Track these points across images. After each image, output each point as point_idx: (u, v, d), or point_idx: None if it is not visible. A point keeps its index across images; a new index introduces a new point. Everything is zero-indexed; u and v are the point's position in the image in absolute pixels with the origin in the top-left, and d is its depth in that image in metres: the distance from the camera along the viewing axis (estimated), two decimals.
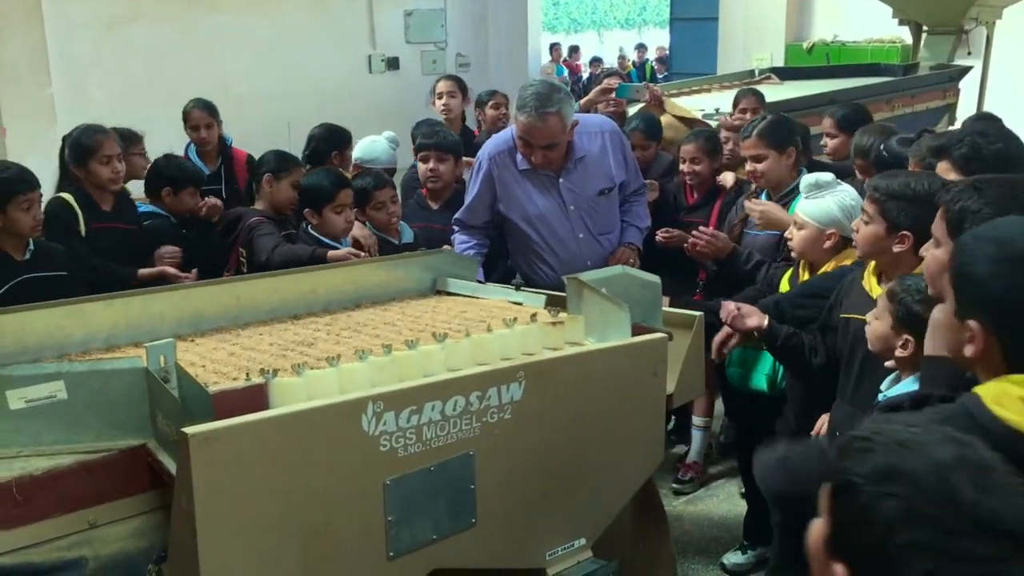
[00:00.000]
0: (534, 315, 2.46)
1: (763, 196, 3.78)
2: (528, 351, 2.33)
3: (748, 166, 3.78)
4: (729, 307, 2.97)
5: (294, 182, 3.85)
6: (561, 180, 3.62)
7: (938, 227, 2.01)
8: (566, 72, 16.97)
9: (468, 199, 3.79)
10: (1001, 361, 1.58)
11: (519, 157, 3.60)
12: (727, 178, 4.35)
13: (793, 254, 3.25)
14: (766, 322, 2.92)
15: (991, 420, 1.50)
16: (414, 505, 1.98)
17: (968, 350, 1.60)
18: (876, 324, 2.45)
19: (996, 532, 0.99)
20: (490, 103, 5.74)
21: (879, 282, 2.66)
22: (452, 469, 2.03)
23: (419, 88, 6.23)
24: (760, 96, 5.06)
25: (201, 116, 5.09)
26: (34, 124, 7.70)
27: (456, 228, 3.82)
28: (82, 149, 3.85)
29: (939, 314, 1.79)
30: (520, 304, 2.84)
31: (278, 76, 8.97)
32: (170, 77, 8.22)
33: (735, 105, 5.04)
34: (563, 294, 2.62)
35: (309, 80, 9.15)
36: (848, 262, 3.01)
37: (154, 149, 5.18)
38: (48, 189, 3.84)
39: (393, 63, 9.93)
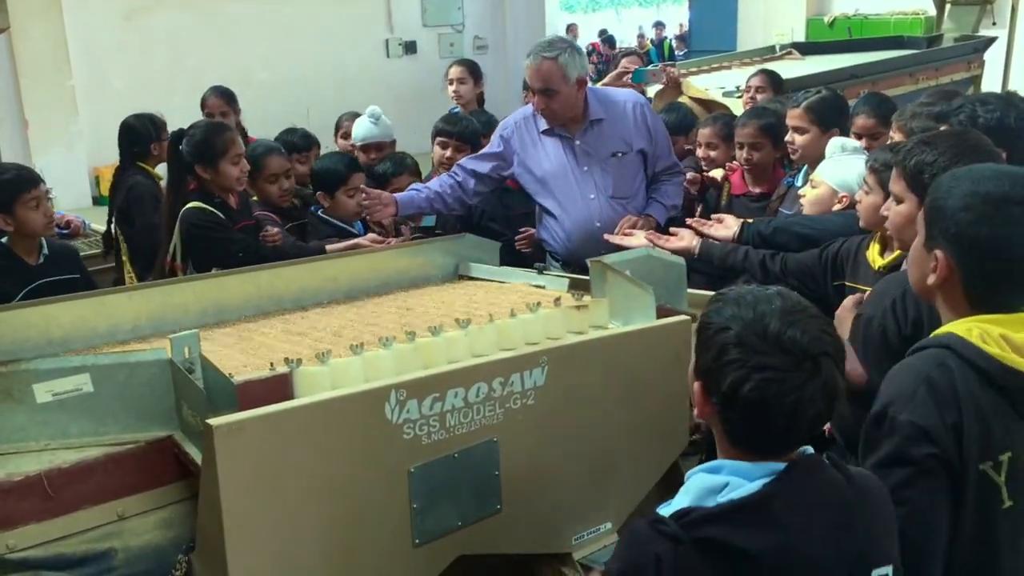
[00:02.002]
0: (558, 299, 2.45)
1: (801, 173, 3.72)
2: (552, 335, 2.32)
3: (788, 136, 3.71)
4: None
5: (270, 176, 3.84)
6: (577, 142, 3.70)
7: (897, 185, 2.25)
8: None
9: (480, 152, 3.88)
10: (961, 293, 1.72)
11: (540, 120, 3.72)
12: (717, 173, 4.24)
13: (804, 211, 3.25)
14: (696, 246, 3.02)
15: (980, 354, 1.65)
16: (439, 492, 1.97)
17: (931, 279, 1.74)
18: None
19: (789, 351, 1.40)
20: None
21: (881, 253, 2.64)
22: (476, 456, 2.02)
23: (437, 71, 6.24)
24: (772, 76, 4.91)
25: (217, 104, 5.13)
26: (56, 116, 7.76)
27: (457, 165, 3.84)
28: (212, 149, 3.44)
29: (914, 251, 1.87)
30: (543, 288, 2.83)
31: (297, 62, 8.98)
32: (190, 65, 8.24)
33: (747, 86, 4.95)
34: (587, 277, 2.61)
35: (328, 65, 9.16)
36: None
37: None
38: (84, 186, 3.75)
39: (411, 47, 9.92)
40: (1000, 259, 1.68)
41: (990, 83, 7.20)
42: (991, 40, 7.34)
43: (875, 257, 2.65)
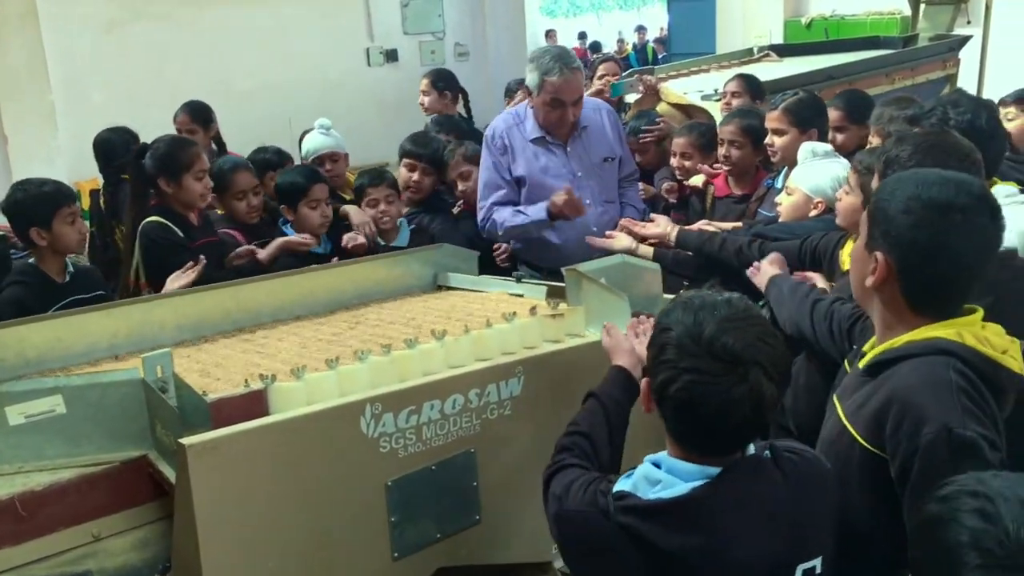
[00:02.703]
0: (533, 308, 2.46)
1: (781, 175, 3.73)
2: (528, 345, 2.32)
3: (767, 139, 3.72)
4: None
5: (238, 192, 3.73)
6: (569, 148, 3.73)
7: (852, 178, 2.51)
8: None
9: (484, 179, 3.78)
10: (900, 296, 1.72)
11: (528, 126, 3.72)
12: (696, 180, 4.15)
13: (781, 219, 3.27)
14: (673, 233, 3.07)
15: (983, 359, 1.65)
16: (417, 505, 1.98)
17: (869, 280, 1.74)
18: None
19: (719, 357, 1.46)
20: (520, 91, 5.74)
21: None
22: (454, 467, 2.03)
23: (418, 79, 6.21)
24: (749, 80, 4.87)
25: (183, 121, 5.09)
26: (36, 132, 7.71)
27: (487, 217, 3.76)
28: (176, 163, 3.39)
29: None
30: (521, 296, 2.83)
31: (278, 72, 8.94)
32: (171, 77, 8.19)
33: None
34: (564, 284, 2.61)
35: (309, 75, 9.12)
36: None
37: None
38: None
39: (392, 55, 9.89)
40: (939, 265, 1.67)
41: (966, 81, 7.23)
42: (966, 39, 7.38)
43: (845, 258, 2.67)
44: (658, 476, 1.54)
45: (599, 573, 1.60)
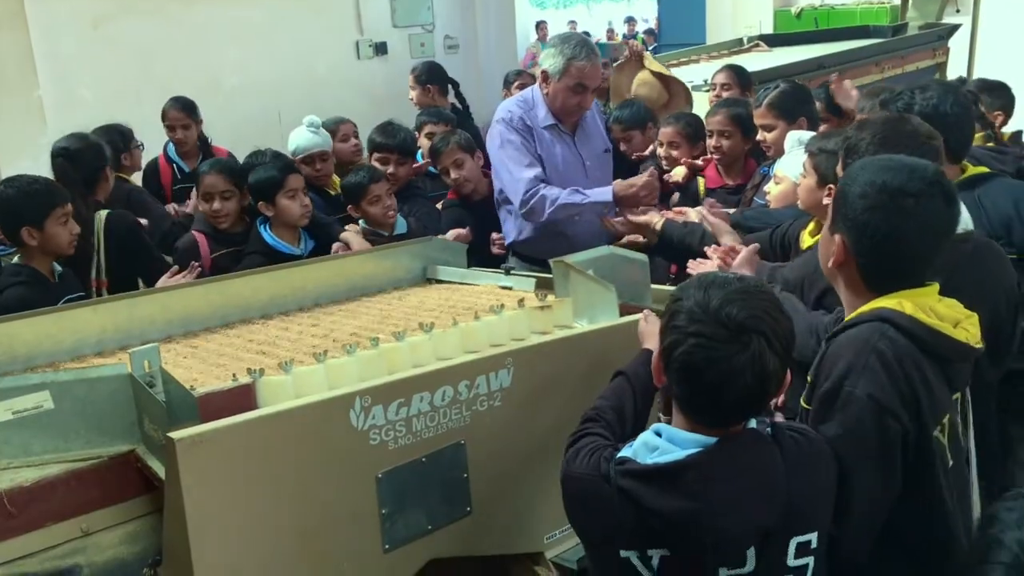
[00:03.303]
0: (522, 300, 2.46)
1: (776, 163, 3.73)
2: (517, 337, 2.33)
3: (759, 135, 3.73)
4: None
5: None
6: (576, 137, 3.77)
7: (807, 162, 2.60)
8: None
9: (515, 158, 3.65)
10: (858, 275, 1.82)
11: (541, 113, 3.70)
12: (677, 173, 4.13)
13: (771, 207, 3.28)
14: (658, 223, 3.12)
15: (919, 325, 1.74)
16: (407, 497, 1.98)
17: (831, 260, 1.85)
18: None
19: (723, 324, 1.52)
20: (516, 83, 5.76)
21: (813, 235, 2.70)
22: (444, 459, 2.03)
23: (408, 72, 6.19)
24: (739, 72, 4.86)
25: (177, 117, 5.07)
26: (24, 129, 7.66)
27: (533, 191, 3.60)
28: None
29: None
30: (510, 288, 2.84)
31: (267, 67, 8.91)
32: (160, 73, 8.15)
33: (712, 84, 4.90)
34: (552, 276, 2.61)
35: (298, 69, 9.09)
36: None
37: (146, 147, 5.19)
38: None
39: (381, 48, 9.85)
40: (891, 247, 1.77)
41: (955, 70, 7.25)
42: (955, 27, 7.41)
43: (805, 237, 2.72)
44: (657, 443, 1.61)
45: (599, 533, 1.68)
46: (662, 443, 1.60)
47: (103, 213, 3.60)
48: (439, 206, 4.18)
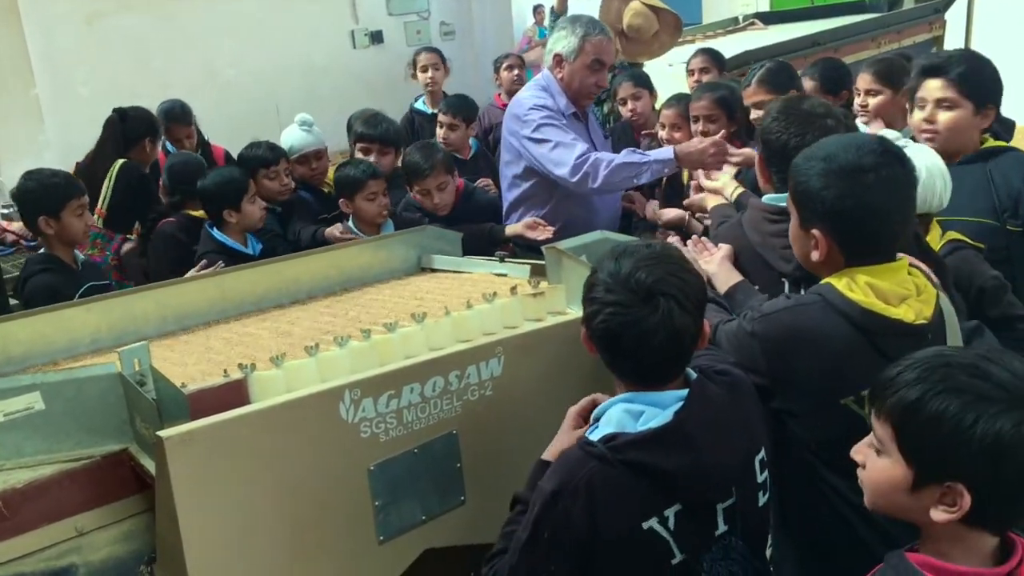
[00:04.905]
0: (514, 288, 2.45)
1: None
2: (509, 324, 2.32)
3: (752, 115, 3.70)
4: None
5: None
6: (588, 124, 3.79)
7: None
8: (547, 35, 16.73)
9: (557, 136, 3.54)
10: (843, 261, 1.90)
11: (562, 102, 3.67)
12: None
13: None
14: (734, 192, 3.04)
15: (844, 301, 1.85)
16: (401, 488, 1.98)
17: (814, 255, 1.93)
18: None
19: (633, 290, 1.63)
20: (504, 65, 5.84)
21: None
22: (436, 450, 2.04)
23: (404, 60, 6.17)
24: (714, 55, 4.81)
25: (182, 129, 5.10)
26: (22, 127, 7.67)
27: (585, 157, 3.48)
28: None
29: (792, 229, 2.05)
30: (505, 276, 2.83)
31: (263, 58, 8.90)
32: (156, 67, 8.16)
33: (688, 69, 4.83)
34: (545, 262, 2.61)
35: (294, 60, 9.08)
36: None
37: None
38: None
39: (377, 36, 9.84)
40: (869, 224, 1.86)
41: (952, 43, 7.20)
42: (951, 0, 7.35)
43: None
44: (638, 409, 1.68)
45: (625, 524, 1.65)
46: (646, 408, 1.67)
47: (120, 161, 4.29)
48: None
